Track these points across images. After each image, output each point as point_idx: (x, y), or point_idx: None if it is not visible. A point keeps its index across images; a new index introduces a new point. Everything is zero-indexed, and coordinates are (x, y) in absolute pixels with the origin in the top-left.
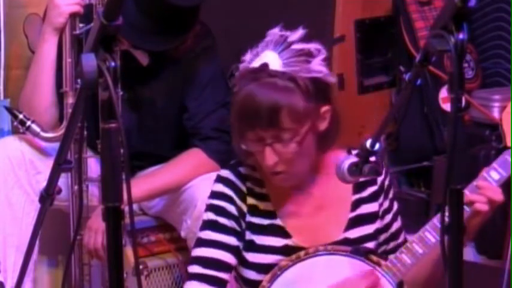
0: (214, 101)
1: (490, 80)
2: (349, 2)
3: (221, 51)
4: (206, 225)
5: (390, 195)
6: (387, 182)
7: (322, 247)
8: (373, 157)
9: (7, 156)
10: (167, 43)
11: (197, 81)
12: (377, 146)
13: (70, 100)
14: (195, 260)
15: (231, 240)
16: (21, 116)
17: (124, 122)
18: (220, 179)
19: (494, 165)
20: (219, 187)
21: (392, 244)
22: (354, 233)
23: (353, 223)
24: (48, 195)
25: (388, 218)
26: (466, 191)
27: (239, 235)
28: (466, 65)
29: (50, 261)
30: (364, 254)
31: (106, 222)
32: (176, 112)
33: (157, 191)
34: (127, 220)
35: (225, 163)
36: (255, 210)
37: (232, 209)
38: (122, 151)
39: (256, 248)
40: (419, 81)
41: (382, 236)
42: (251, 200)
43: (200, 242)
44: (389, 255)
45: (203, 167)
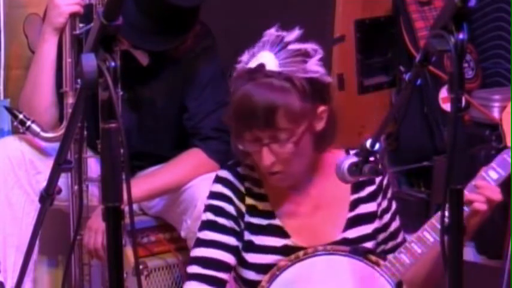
0: (214, 101)
1: (490, 80)
2: (349, 2)
3: (221, 51)
4: (205, 225)
5: (388, 194)
6: (385, 182)
7: (321, 247)
8: (372, 157)
9: (7, 156)
10: (167, 43)
11: (197, 81)
12: (377, 146)
13: (70, 100)
14: (194, 260)
15: (230, 240)
16: (21, 116)
17: (124, 122)
18: (218, 179)
19: (492, 164)
20: (218, 187)
21: (391, 244)
22: (353, 233)
23: (351, 223)
24: (48, 195)
25: (387, 218)
26: (465, 191)
27: (238, 235)
28: (466, 65)
29: (50, 261)
30: (363, 254)
31: (106, 222)
32: (176, 112)
33: (157, 191)
34: (127, 220)
35: (225, 163)
36: (254, 210)
37: (231, 209)
38: (122, 151)
39: (255, 249)
40: (419, 81)
41: (380, 236)
42: (250, 200)
43: (199, 242)
44: (388, 254)
45: (203, 167)
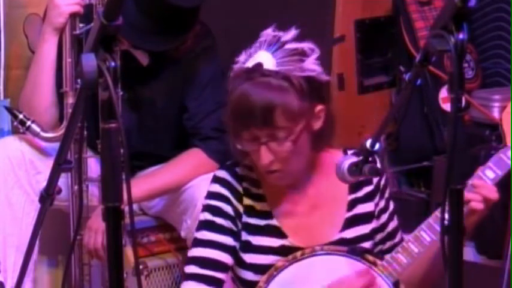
0: (214, 101)
1: (490, 80)
2: (349, 2)
3: (221, 51)
4: (203, 225)
5: (386, 194)
6: (383, 182)
7: (318, 247)
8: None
9: (7, 156)
10: (167, 43)
11: (197, 81)
12: (377, 146)
13: (70, 100)
14: (192, 260)
15: (228, 240)
16: (21, 116)
17: (124, 122)
18: (216, 180)
19: (489, 164)
20: (216, 187)
21: (388, 244)
22: (350, 233)
23: (349, 223)
24: (48, 195)
25: (384, 218)
26: None
27: (236, 235)
28: (466, 65)
29: (50, 261)
30: (360, 254)
31: (106, 222)
32: (176, 112)
33: (157, 191)
34: (127, 220)
35: (224, 163)
36: (252, 210)
37: (228, 209)
38: (122, 151)
39: (253, 249)
40: (419, 81)
41: (378, 236)
42: (247, 201)
43: (197, 242)
44: (385, 254)
45: (203, 167)
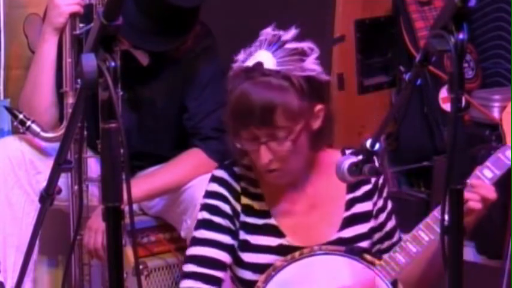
0: (214, 101)
1: (490, 80)
2: (349, 2)
3: (221, 51)
4: (201, 224)
5: (384, 194)
6: (381, 181)
7: (316, 247)
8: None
9: (7, 156)
10: (167, 43)
11: (197, 81)
12: (377, 146)
13: (70, 100)
14: (190, 259)
15: (226, 238)
16: (21, 116)
17: (124, 122)
18: (214, 179)
19: (487, 163)
20: (214, 187)
21: (386, 243)
22: (348, 233)
23: (347, 222)
24: (48, 195)
25: (383, 217)
26: None
27: (234, 234)
28: (466, 65)
29: (50, 261)
30: (358, 254)
31: (106, 222)
32: (176, 112)
33: (157, 191)
34: (127, 220)
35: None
36: (250, 209)
37: (226, 208)
38: (122, 151)
39: (251, 248)
40: (419, 81)
41: (376, 235)
42: (245, 200)
43: (195, 241)
44: (383, 254)
45: (203, 167)
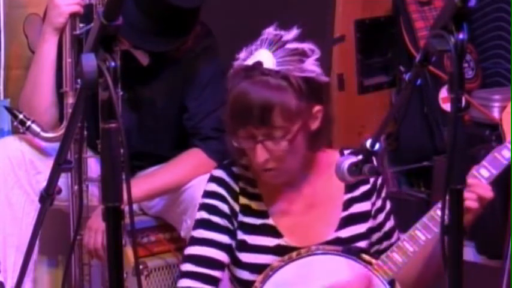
0: (214, 101)
1: (490, 80)
2: (349, 2)
3: (221, 51)
4: (199, 223)
5: (383, 194)
6: (380, 181)
7: (314, 247)
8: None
9: (7, 156)
10: (168, 44)
11: (197, 81)
12: (377, 146)
13: (70, 100)
14: (188, 258)
15: (224, 238)
16: (21, 116)
17: (124, 122)
18: (213, 179)
19: (484, 163)
20: (212, 186)
21: (385, 243)
22: (346, 232)
23: (345, 222)
24: (48, 195)
25: (381, 217)
26: None
27: (232, 234)
28: (466, 65)
29: (50, 261)
30: (356, 254)
31: (106, 222)
32: (176, 112)
33: (157, 191)
34: (127, 220)
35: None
36: (248, 209)
37: (224, 208)
38: (122, 151)
39: (249, 248)
40: (419, 81)
41: (375, 236)
42: (244, 200)
43: (193, 241)
44: (381, 254)
45: (203, 167)
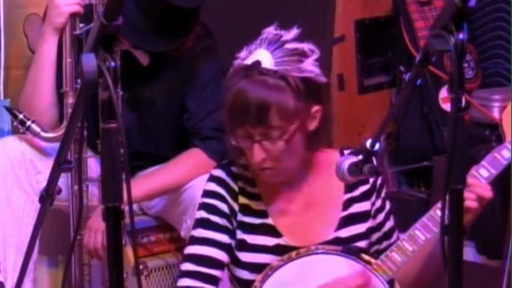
0: (214, 101)
1: (490, 80)
2: (349, 2)
3: (221, 51)
4: (198, 223)
5: (382, 194)
6: (379, 181)
7: (313, 247)
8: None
9: (7, 156)
10: (168, 44)
11: (197, 81)
12: (377, 146)
13: (70, 100)
14: (188, 258)
15: (223, 238)
16: (21, 116)
17: (124, 122)
18: (212, 178)
19: (483, 162)
20: (212, 186)
21: (385, 243)
22: (346, 232)
23: (345, 222)
24: (48, 195)
25: (381, 217)
26: None
27: (231, 233)
28: (466, 65)
29: (50, 261)
30: (355, 253)
31: (106, 222)
32: (176, 112)
33: (157, 191)
34: (127, 220)
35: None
36: (247, 209)
37: (224, 207)
38: (122, 151)
39: (248, 248)
40: (419, 81)
41: (374, 235)
42: (243, 199)
43: (193, 240)
44: (381, 254)
45: (203, 167)
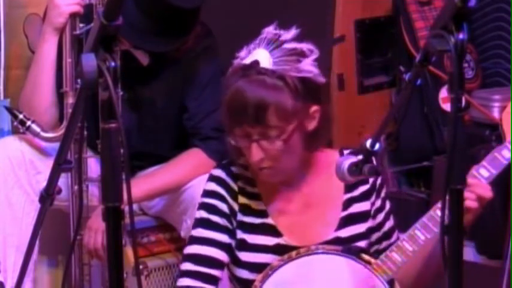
0: (214, 101)
1: (490, 80)
2: (349, 2)
3: (221, 51)
4: (198, 223)
5: (382, 194)
6: (379, 181)
7: (313, 247)
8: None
9: (7, 156)
10: (168, 44)
11: (197, 81)
12: (377, 146)
13: (70, 100)
14: (188, 258)
15: (223, 237)
16: (21, 116)
17: (124, 122)
18: (212, 178)
19: (483, 163)
20: (211, 186)
21: (384, 243)
22: (346, 232)
23: (344, 222)
24: (48, 195)
25: (381, 217)
26: None
27: (231, 233)
28: (466, 65)
29: (50, 261)
30: (355, 253)
31: (106, 222)
32: (176, 112)
33: (157, 191)
34: (127, 220)
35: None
36: (247, 209)
37: (224, 207)
38: (122, 151)
39: (248, 247)
40: (419, 81)
41: (374, 235)
42: (243, 199)
43: (192, 240)
44: (381, 254)
45: (203, 167)
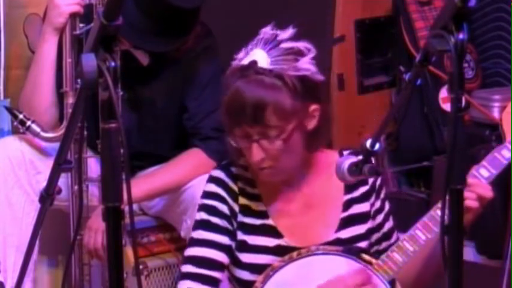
0: (214, 101)
1: (490, 80)
2: (349, 2)
3: (221, 51)
4: (198, 224)
5: (382, 195)
6: (379, 182)
7: (314, 247)
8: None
9: (7, 156)
10: (168, 44)
11: (197, 81)
12: (377, 146)
13: (70, 100)
14: (188, 260)
15: (224, 239)
16: (21, 116)
17: (124, 122)
18: (212, 179)
19: (483, 162)
20: (211, 187)
21: (384, 244)
22: (346, 233)
23: (345, 223)
24: (48, 195)
25: (380, 218)
26: None
27: (231, 234)
28: (466, 65)
29: (50, 261)
30: (356, 253)
31: (106, 222)
32: (176, 112)
33: (157, 191)
34: (127, 220)
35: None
36: (247, 210)
37: (224, 209)
38: (122, 151)
39: (249, 248)
40: (419, 81)
41: (374, 236)
42: (243, 200)
43: (193, 242)
44: (381, 255)
45: (203, 167)
